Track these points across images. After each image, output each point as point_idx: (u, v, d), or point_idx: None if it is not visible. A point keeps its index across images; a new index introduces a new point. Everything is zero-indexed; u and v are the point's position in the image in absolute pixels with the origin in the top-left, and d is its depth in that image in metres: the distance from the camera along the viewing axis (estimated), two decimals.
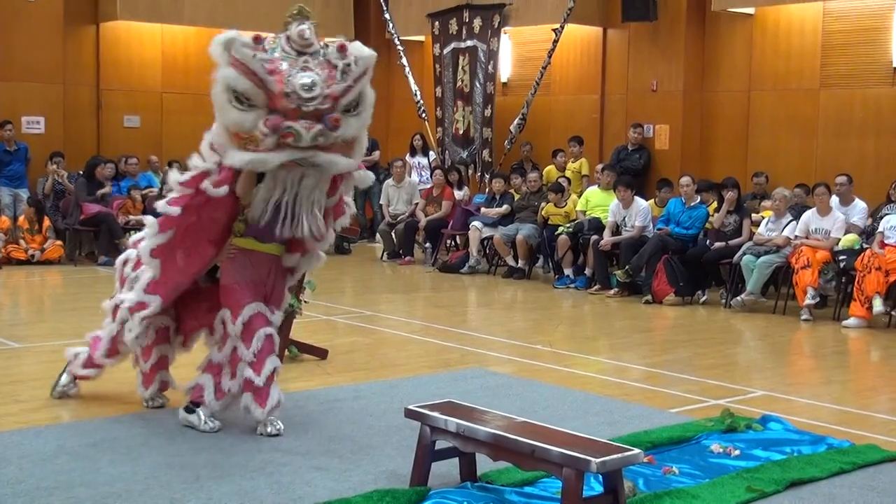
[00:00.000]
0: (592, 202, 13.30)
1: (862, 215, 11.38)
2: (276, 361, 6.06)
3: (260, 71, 5.54)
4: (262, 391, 5.95)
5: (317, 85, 5.58)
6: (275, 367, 6.02)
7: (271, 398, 5.97)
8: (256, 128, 5.55)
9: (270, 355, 6.02)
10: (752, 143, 14.57)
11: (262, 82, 5.54)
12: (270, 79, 5.55)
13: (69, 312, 10.62)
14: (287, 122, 5.53)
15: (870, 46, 13.34)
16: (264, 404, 5.95)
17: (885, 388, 8.06)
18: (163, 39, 17.61)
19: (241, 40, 5.61)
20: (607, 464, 4.38)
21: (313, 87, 5.57)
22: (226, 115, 5.64)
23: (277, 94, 5.53)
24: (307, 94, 5.55)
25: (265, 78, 5.54)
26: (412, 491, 4.92)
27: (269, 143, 5.56)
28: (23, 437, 5.85)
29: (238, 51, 5.57)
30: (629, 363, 8.58)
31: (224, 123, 5.69)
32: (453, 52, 16.95)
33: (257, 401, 5.95)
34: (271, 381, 5.99)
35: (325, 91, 5.61)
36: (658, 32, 14.90)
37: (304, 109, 5.55)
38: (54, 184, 15.17)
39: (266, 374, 5.97)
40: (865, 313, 10.32)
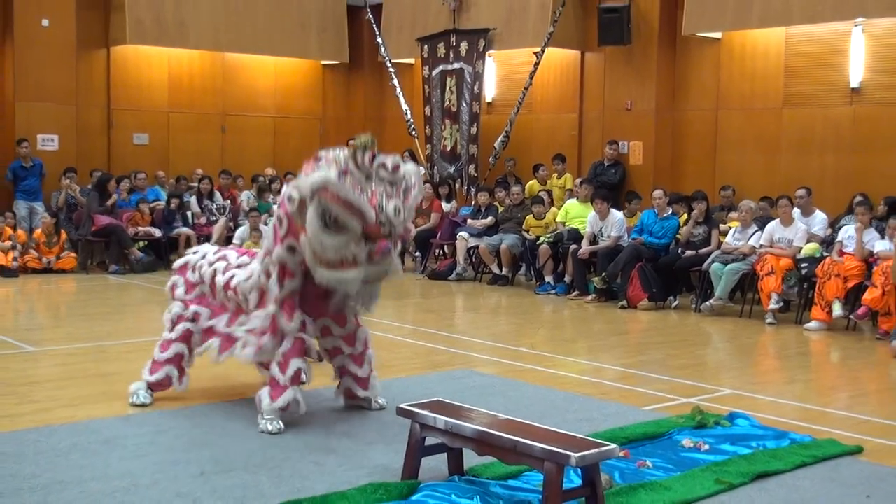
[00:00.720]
0: (571, 214, 13.32)
1: (822, 225, 11.42)
2: (300, 363, 6.13)
3: (363, 206, 5.68)
4: (280, 388, 6.04)
5: (400, 210, 5.82)
6: (298, 367, 6.10)
7: (284, 397, 6.03)
8: (349, 250, 5.73)
9: (296, 357, 6.10)
10: (720, 159, 14.61)
11: (363, 215, 5.69)
12: (371, 212, 5.71)
13: (81, 318, 10.58)
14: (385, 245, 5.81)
15: (829, 69, 13.39)
16: (276, 399, 6.02)
17: (844, 387, 8.08)
18: (169, 62, 17.59)
19: (335, 180, 5.68)
20: (586, 458, 4.38)
21: (399, 213, 5.82)
22: (317, 241, 5.73)
23: (373, 225, 5.73)
24: (395, 218, 5.79)
25: (367, 211, 5.69)
26: (403, 484, 4.92)
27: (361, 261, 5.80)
28: (39, 435, 5.83)
29: (338, 188, 5.66)
30: (606, 364, 8.58)
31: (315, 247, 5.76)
32: (441, 74, 16.97)
33: (272, 394, 6.05)
34: (294, 382, 6.08)
35: (405, 214, 5.88)
36: (632, 55, 14.94)
37: (393, 232, 5.82)
38: (67, 197, 15.14)
39: (290, 375, 6.06)
40: (826, 317, 10.35)
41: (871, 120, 13.01)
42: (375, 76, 19.12)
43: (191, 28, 17.15)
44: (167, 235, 14.90)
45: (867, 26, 12.89)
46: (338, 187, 5.66)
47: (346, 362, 6.56)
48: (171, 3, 16.87)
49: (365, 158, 5.79)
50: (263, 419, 6.02)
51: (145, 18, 16.66)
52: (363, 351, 6.59)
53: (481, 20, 16.48)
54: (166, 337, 6.68)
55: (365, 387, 6.58)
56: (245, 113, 18.43)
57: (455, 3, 16.75)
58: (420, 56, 17.40)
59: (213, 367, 7.12)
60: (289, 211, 5.90)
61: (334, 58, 19.04)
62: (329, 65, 19.34)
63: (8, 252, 13.73)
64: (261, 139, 18.45)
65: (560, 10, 15.30)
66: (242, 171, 17.16)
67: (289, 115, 18.95)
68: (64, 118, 16.16)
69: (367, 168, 5.79)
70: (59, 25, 15.93)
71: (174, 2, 16.91)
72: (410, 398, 5.68)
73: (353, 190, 5.67)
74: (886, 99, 12.86)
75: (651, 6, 14.70)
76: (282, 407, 6.04)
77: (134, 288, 13.03)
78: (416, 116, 17.40)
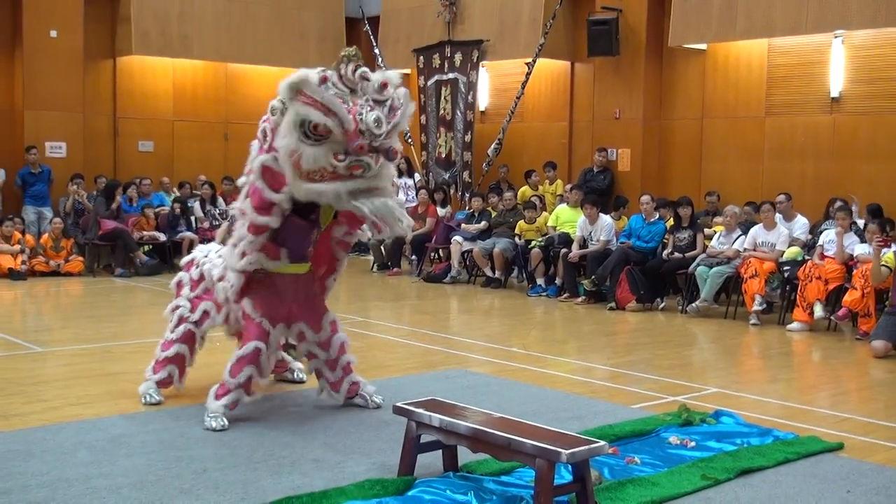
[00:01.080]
0: (562, 218, 13.32)
1: (803, 230, 11.44)
2: (252, 370, 6.07)
3: (341, 110, 5.46)
4: (225, 388, 6.05)
5: (383, 122, 5.57)
6: (250, 375, 6.06)
7: (229, 397, 6.03)
8: (328, 161, 5.48)
9: (248, 364, 6.06)
10: (705, 166, 14.62)
11: (341, 120, 5.46)
12: (348, 117, 5.48)
13: (88, 319, 10.55)
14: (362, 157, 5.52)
15: (810, 79, 13.41)
16: (220, 398, 6.04)
17: (826, 386, 8.08)
18: (174, 72, 17.58)
19: (314, 81, 5.51)
20: (576, 455, 4.37)
21: (381, 124, 5.56)
22: (298, 151, 5.50)
23: (353, 132, 5.49)
24: (378, 130, 5.54)
25: (344, 117, 5.47)
26: (400, 480, 4.90)
27: (342, 173, 5.51)
28: (46, 433, 5.81)
29: (315, 91, 5.47)
30: (595, 364, 8.57)
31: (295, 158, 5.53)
32: (436, 84, 16.98)
33: (217, 392, 6.07)
34: (241, 387, 6.05)
35: (387, 127, 5.61)
36: (620, 66, 14.95)
37: (374, 144, 5.55)
38: (74, 203, 15.10)
39: (239, 380, 6.04)
40: (808, 318, 10.36)
41: (850, 128, 13.03)
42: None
43: (194, 40, 17.15)
44: (171, 240, 14.87)
45: (847, 38, 12.91)
46: (315, 90, 5.46)
47: (320, 366, 6.52)
48: (175, 16, 16.87)
49: (348, 70, 5.63)
50: (208, 416, 5.99)
51: (151, 30, 16.65)
52: (337, 356, 6.51)
53: (475, 32, 16.49)
54: (168, 337, 6.66)
55: (337, 390, 6.52)
56: (247, 121, 18.33)
57: (450, 15, 16.78)
58: (416, 66, 17.40)
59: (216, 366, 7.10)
60: (273, 122, 5.73)
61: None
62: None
63: (17, 256, 13.70)
64: None
65: (551, 23, 15.33)
66: None
67: None
68: (71, 126, 16.13)
69: (351, 80, 5.64)
70: (66, 36, 15.90)
71: (178, 14, 16.92)
72: (406, 397, 5.67)
73: (332, 96, 5.48)
74: (865, 108, 12.88)
75: (638, 18, 14.71)
76: (226, 405, 6.02)
77: (139, 290, 13.00)
78: (412, 125, 17.38)
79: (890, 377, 8.20)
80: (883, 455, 5.74)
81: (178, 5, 16.91)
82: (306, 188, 5.61)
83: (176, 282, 6.81)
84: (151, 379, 6.64)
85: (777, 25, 13.12)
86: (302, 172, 5.57)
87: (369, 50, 18.12)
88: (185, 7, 17.02)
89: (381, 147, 5.61)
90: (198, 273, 6.62)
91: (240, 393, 6.06)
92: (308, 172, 5.55)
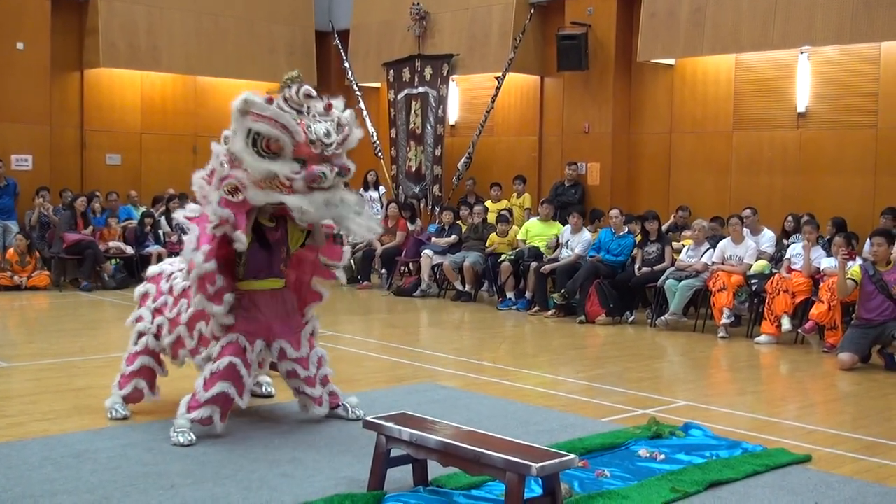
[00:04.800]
0: (532, 232, 13.36)
1: (770, 243, 11.54)
2: (225, 386, 6.01)
3: (290, 123, 5.63)
4: (197, 402, 5.98)
5: (331, 133, 5.76)
6: (223, 391, 6.01)
7: (200, 412, 5.97)
8: (283, 175, 5.61)
9: (222, 380, 6.02)
10: (674, 179, 14.73)
11: (291, 132, 5.62)
12: (298, 129, 5.65)
13: (54, 334, 10.44)
14: (316, 167, 5.65)
15: (777, 94, 13.55)
16: (191, 411, 5.98)
17: (793, 398, 8.14)
18: (142, 85, 17.47)
19: (260, 99, 5.68)
20: (546, 468, 4.38)
21: (330, 135, 5.74)
22: (253, 166, 5.65)
23: (303, 142, 5.64)
24: (327, 139, 5.72)
25: (294, 128, 5.63)
26: (370, 495, 4.88)
27: (299, 187, 5.64)
28: (10, 449, 5.73)
29: (262, 108, 5.64)
30: (565, 377, 8.59)
31: (252, 173, 5.68)
32: (406, 98, 16.99)
33: (189, 404, 6.00)
34: (212, 402, 5.98)
35: (337, 138, 5.79)
36: (589, 80, 15.03)
37: (325, 154, 5.70)
38: (40, 216, 14.95)
39: (211, 395, 5.98)
40: (775, 331, 10.44)
41: (816, 143, 13.17)
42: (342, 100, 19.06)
43: (163, 52, 17.07)
44: (139, 253, 14.76)
45: (813, 54, 13.07)
46: (262, 106, 5.63)
47: (300, 385, 6.49)
48: (144, 28, 16.79)
49: (293, 92, 5.79)
50: (174, 431, 5.93)
51: (119, 42, 16.56)
52: (316, 372, 6.50)
53: (445, 46, 16.54)
54: (131, 350, 6.60)
55: (320, 404, 6.52)
56: (216, 134, 17.70)
57: (420, 29, 16.81)
58: (386, 80, 17.42)
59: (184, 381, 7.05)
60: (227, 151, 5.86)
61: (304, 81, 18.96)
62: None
63: None
64: None
65: (520, 37, 15.40)
66: None
67: None
68: (38, 138, 16.00)
69: (297, 101, 5.80)
70: (33, 48, 15.78)
71: (147, 26, 16.83)
72: (376, 411, 5.65)
73: (279, 110, 5.64)
74: (831, 123, 13.03)
75: (607, 34, 14.81)
76: (195, 419, 5.96)
77: (106, 305, 12.89)
78: (382, 138, 17.42)
79: (856, 389, 8.28)
80: (850, 467, 5.78)
81: (146, 17, 16.83)
82: (262, 196, 5.72)
83: (141, 293, 6.74)
84: (117, 394, 6.58)
85: (744, 41, 13.26)
86: (260, 186, 5.70)
87: (339, 64, 18.13)
88: (154, 19, 16.94)
89: (332, 158, 5.73)
90: (167, 286, 6.57)
91: (212, 409, 5.98)
92: (264, 183, 5.68)
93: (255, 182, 5.68)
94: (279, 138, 5.60)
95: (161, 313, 6.49)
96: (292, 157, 5.67)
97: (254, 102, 5.64)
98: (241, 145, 5.66)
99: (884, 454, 6.11)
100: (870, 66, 12.65)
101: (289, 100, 5.81)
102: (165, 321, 6.44)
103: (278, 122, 5.61)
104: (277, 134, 5.59)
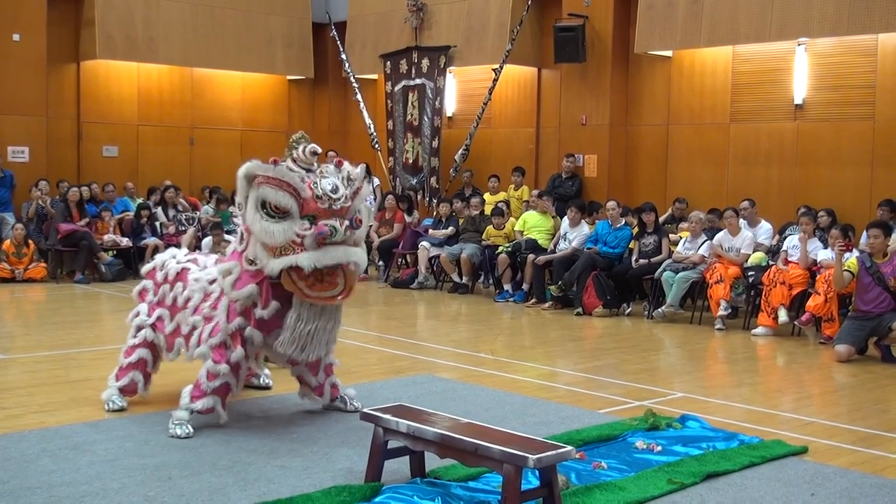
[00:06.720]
0: (529, 224, 13.36)
1: (767, 235, 11.54)
2: (228, 377, 6.03)
3: (294, 181, 5.71)
4: (201, 392, 6.00)
5: (339, 187, 5.83)
6: (227, 381, 6.03)
7: (204, 402, 5.99)
8: (294, 232, 5.68)
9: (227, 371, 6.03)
10: (671, 171, 14.72)
11: (296, 190, 5.70)
12: (302, 185, 5.72)
13: (51, 326, 10.43)
14: (324, 223, 5.71)
15: (774, 85, 13.53)
16: (195, 401, 5.99)
17: (790, 390, 8.15)
18: (139, 77, 17.43)
19: (262, 163, 5.78)
20: (543, 460, 4.38)
21: (337, 189, 5.81)
22: (261, 230, 5.73)
23: (310, 199, 5.71)
24: (334, 195, 5.78)
25: (299, 186, 5.71)
26: (367, 486, 4.89)
27: (309, 244, 5.70)
28: (8, 441, 5.73)
29: (265, 169, 5.74)
30: (562, 369, 8.60)
31: (261, 238, 5.77)
32: (403, 90, 16.96)
33: (193, 394, 6.02)
34: (215, 392, 6.00)
35: (345, 192, 5.85)
36: (587, 72, 15.01)
37: (333, 208, 5.76)
38: (38, 208, 14.93)
39: (215, 385, 6.00)
40: (772, 323, 10.45)
41: (813, 135, 13.17)
42: (340, 91, 19.08)
43: (160, 44, 17.03)
44: (136, 245, 14.74)
45: (810, 46, 13.05)
46: (266, 168, 5.72)
47: (302, 372, 6.51)
48: (140, 20, 16.74)
49: (300, 152, 5.85)
50: (173, 423, 5.95)
51: (116, 34, 16.51)
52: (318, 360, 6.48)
53: (442, 38, 16.50)
54: (130, 342, 6.61)
55: (320, 394, 6.54)
56: (213, 126, 18.31)
57: (417, 21, 16.78)
58: (383, 72, 17.39)
59: (180, 373, 7.05)
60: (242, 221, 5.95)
61: (300, 73, 18.98)
62: (295, 80, 19.27)
63: None
64: (228, 152, 18.28)
65: (518, 29, 15.37)
66: (210, 183, 17.05)
67: (256, 129, 18.84)
68: (34, 130, 15.98)
69: (305, 160, 5.86)
70: (30, 40, 15.75)
71: (144, 18, 16.79)
72: (374, 403, 5.66)
73: (283, 169, 5.73)
74: (828, 115, 13.02)
75: (604, 25, 14.79)
76: (200, 409, 5.98)
77: (102, 297, 12.88)
78: (380, 130, 17.39)
79: (853, 381, 8.29)
80: (846, 458, 5.79)
81: (143, 9, 16.78)
82: (278, 263, 5.74)
83: (139, 290, 6.75)
84: (114, 385, 6.58)
85: (741, 33, 13.24)
86: (273, 251, 5.75)
87: (336, 55, 18.10)
88: (151, 11, 16.89)
89: (343, 213, 5.82)
90: (162, 277, 6.57)
91: (215, 400, 6.01)
92: (279, 249, 5.73)
93: (271, 249, 5.75)
94: (284, 199, 5.68)
95: (162, 305, 6.50)
96: (300, 216, 5.73)
97: (257, 166, 5.76)
98: (251, 213, 5.79)
99: (880, 446, 6.12)
100: (867, 58, 12.63)
101: (297, 160, 5.87)
102: (166, 312, 6.45)
103: (283, 181, 5.69)
104: (281, 194, 5.68)
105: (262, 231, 5.72)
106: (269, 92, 19.08)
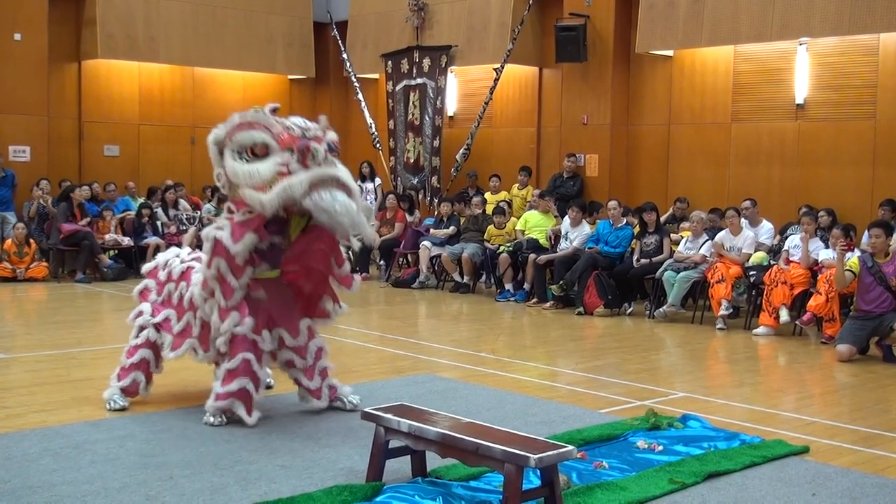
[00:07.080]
0: (530, 223, 13.36)
1: (769, 235, 11.53)
2: (244, 382, 6.13)
3: (262, 118, 5.86)
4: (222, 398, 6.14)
5: (308, 123, 5.98)
6: (243, 385, 6.12)
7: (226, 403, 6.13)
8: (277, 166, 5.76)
9: (240, 377, 6.12)
10: (672, 171, 14.71)
11: (267, 126, 5.83)
12: (272, 121, 5.87)
13: (52, 325, 10.44)
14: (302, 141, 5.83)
15: (775, 85, 13.53)
16: (218, 400, 6.13)
17: (791, 390, 8.15)
18: (140, 76, 17.44)
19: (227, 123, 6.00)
20: (544, 459, 4.38)
21: (307, 124, 5.97)
22: (246, 173, 5.83)
23: (282, 131, 5.83)
24: (304, 125, 5.93)
25: (268, 121, 5.85)
26: (368, 486, 4.89)
27: (295, 168, 5.78)
28: (9, 441, 5.74)
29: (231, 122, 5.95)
30: (563, 369, 8.60)
31: (249, 182, 5.84)
32: (405, 89, 16.96)
33: (217, 394, 6.15)
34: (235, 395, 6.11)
35: (314, 125, 6.00)
36: (588, 72, 15.01)
37: (307, 136, 5.86)
38: (39, 207, 14.94)
39: (231, 388, 6.11)
40: (773, 323, 10.45)
41: (814, 134, 13.16)
42: (341, 90, 19.08)
43: (161, 43, 17.03)
44: (137, 245, 14.74)
45: (811, 45, 13.05)
46: (230, 122, 5.92)
47: (298, 375, 6.52)
48: (141, 19, 16.75)
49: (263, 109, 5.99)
50: (207, 415, 6.16)
51: (116, 33, 16.52)
52: (314, 363, 6.51)
53: (443, 37, 16.51)
54: (132, 342, 6.62)
55: (318, 397, 6.54)
56: (214, 125, 18.23)
57: (418, 20, 16.78)
58: (384, 71, 17.39)
59: (181, 372, 7.06)
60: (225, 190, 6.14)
61: (301, 72, 18.98)
62: (296, 79, 19.28)
63: None
64: None
65: (519, 28, 15.37)
66: (211, 183, 17.00)
67: None
68: (36, 130, 15.98)
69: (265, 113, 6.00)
70: (31, 39, 15.75)
71: (144, 17, 16.79)
72: (375, 402, 5.66)
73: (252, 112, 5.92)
74: (829, 114, 13.02)
75: (606, 25, 14.79)
76: (222, 409, 6.14)
77: (104, 296, 12.88)
78: (381, 130, 17.39)
79: (854, 381, 8.29)
80: (848, 458, 5.79)
81: (143, 8, 16.78)
82: (273, 196, 5.77)
83: (140, 289, 6.76)
84: (116, 385, 6.58)
85: (742, 32, 13.24)
86: (264, 188, 5.80)
87: (337, 54, 18.10)
88: (151, 10, 16.89)
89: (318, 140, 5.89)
90: (165, 276, 6.57)
91: (234, 403, 6.11)
92: (268, 184, 5.79)
93: (261, 188, 5.80)
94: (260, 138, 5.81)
95: (167, 304, 6.51)
96: (280, 150, 5.82)
97: (220, 128, 5.97)
98: (231, 166, 5.90)
99: (881, 445, 6.12)
100: (868, 57, 12.63)
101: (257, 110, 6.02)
102: (172, 312, 6.48)
103: (252, 122, 5.84)
104: (258, 133, 5.81)
105: (247, 174, 5.81)
106: (270, 91, 19.05)
